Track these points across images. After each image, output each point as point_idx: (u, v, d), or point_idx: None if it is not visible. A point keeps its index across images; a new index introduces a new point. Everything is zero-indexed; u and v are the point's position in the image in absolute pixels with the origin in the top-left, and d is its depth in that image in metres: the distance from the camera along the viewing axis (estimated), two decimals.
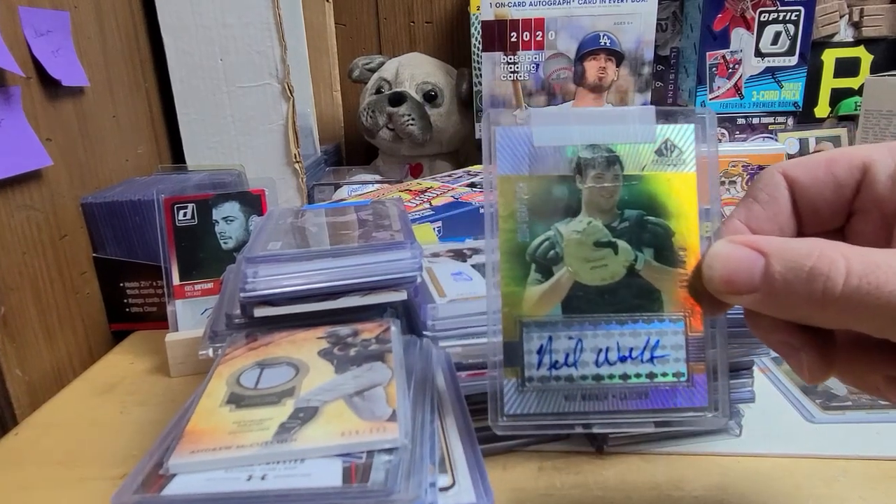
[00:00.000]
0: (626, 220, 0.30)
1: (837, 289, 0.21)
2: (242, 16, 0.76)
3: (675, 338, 0.30)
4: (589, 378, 0.30)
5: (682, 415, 0.30)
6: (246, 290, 0.38)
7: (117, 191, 0.68)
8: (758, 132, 0.85)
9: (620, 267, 0.30)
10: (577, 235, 0.30)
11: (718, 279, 0.24)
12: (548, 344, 0.30)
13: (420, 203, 0.62)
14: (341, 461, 0.26)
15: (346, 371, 0.32)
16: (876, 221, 0.25)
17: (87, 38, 0.68)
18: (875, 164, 0.24)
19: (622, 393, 0.30)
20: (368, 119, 0.97)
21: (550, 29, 0.76)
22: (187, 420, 0.28)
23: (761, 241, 0.23)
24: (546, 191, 0.30)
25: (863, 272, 0.20)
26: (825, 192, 0.25)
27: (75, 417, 0.52)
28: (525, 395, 0.30)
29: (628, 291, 0.30)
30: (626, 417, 0.30)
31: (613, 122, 0.31)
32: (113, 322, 0.69)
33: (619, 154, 0.31)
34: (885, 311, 0.20)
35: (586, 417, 0.30)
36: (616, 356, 0.30)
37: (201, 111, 0.80)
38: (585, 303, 0.30)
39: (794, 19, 0.81)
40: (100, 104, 0.70)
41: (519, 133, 0.31)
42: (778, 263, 0.22)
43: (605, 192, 0.31)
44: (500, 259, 0.30)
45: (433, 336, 0.41)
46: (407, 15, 1.12)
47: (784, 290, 0.22)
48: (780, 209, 0.26)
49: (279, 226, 0.47)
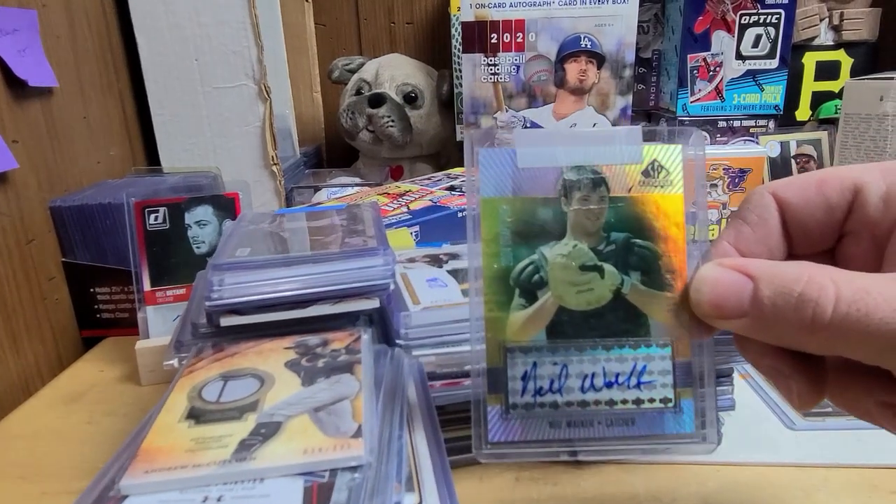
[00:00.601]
0: (612, 242, 0.30)
1: (827, 315, 0.20)
2: (217, 15, 0.75)
3: (662, 363, 0.29)
4: (574, 404, 0.29)
5: (669, 441, 0.30)
6: (212, 298, 0.36)
7: (87, 194, 0.66)
8: (739, 135, 0.85)
9: (607, 291, 0.29)
10: (563, 259, 0.29)
11: (706, 303, 0.23)
12: (532, 370, 0.29)
13: (398, 207, 0.61)
14: (303, 480, 0.25)
15: (314, 383, 0.31)
16: (867, 244, 0.24)
17: (56, 38, 0.66)
18: (867, 185, 0.24)
19: (608, 419, 0.29)
20: (348, 121, 0.95)
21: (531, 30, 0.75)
22: (143, 437, 0.27)
23: (750, 265, 0.22)
24: (530, 213, 0.30)
25: (852, 298, 0.20)
26: (816, 214, 0.25)
27: (40, 428, 0.51)
28: (509, 422, 0.29)
29: (614, 316, 0.29)
30: (612, 444, 0.30)
31: (599, 143, 0.30)
32: (84, 328, 0.67)
33: (605, 175, 0.30)
34: (875, 338, 0.20)
35: (571, 444, 0.30)
36: (602, 382, 0.29)
37: (176, 112, 0.79)
38: (571, 327, 0.29)
39: (774, 22, 0.81)
40: (69, 105, 0.68)
41: (503, 155, 0.30)
42: (767, 288, 0.22)
43: (590, 214, 0.30)
44: (483, 284, 0.29)
45: (406, 345, 0.40)
46: (387, 16, 1.11)
47: (773, 315, 0.21)
48: (769, 231, 0.25)
49: (250, 231, 0.46)
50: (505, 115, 0.79)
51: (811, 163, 0.82)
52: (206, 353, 0.36)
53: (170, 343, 0.40)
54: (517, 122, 0.78)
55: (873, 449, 0.41)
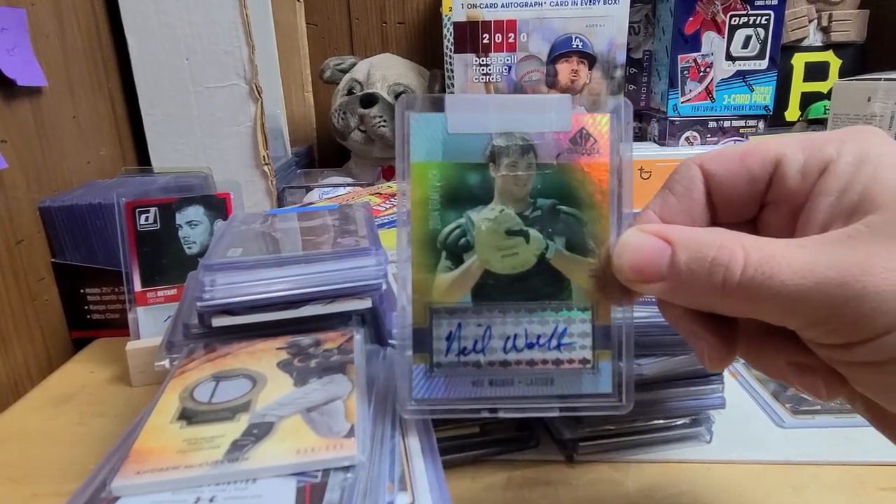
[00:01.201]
0: (538, 208, 0.30)
1: (735, 278, 0.21)
2: (208, 14, 0.75)
3: (582, 326, 0.30)
4: (496, 364, 0.30)
5: (586, 401, 0.31)
6: (203, 298, 0.36)
7: (77, 194, 0.66)
8: (729, 135, 0.86)
9: (531, 255, 0.30)
10: (489, 223, 0.30)
11: (627, 267, 0.24)
12: (457, 331, 0.30)
13: (390, 207, 0.61)
14: (296, 481, 0.25)
15: (306, 384, 0.31)
16: (784, 213, 0.25)
17: (46, 37, 0.66)
18: (786, 158, 0.25)
19: (528, 379, 0.30)
20: (340, 121, 0.95)
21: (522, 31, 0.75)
22: (135, 438, 0.27)
23: (669, 231, 0.23)
24: (459, 178, 0.30)
25: (758, 263, 0.21)
26: (739, 185, 0.26)
27: (30, 430, 0.50)
28: (433, 380, 0.30)
29: (539, 280, 0.30)
30: (532, 402, 0.31)
31: (529, 111, 0.31)
32: (73, 329, 0.67)
33: (534, 143, 0.30)
34: (779, 299, 0.21)
35: (493, 402, 0.31)
36: (524, 343, 0.30)
37: (167, 112, 0.78)
38: (496, 290, 0.30)
39: (763, 23, 0.81)
40: (59, 105, 0.68)
41: (433, 120, 0.30)
42: (683, 253, 0.23)
43: (518, 180, 0.30)
44: (411, 246, 0.30)
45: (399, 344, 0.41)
46: (379, 15, 1.11)
47: (688, 279, 0.22)
48: (694, 201, 0.26)
49: (241, 231, 0.46)
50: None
51: None
52: (198, 354, 0.36)
53: (161, 344, 0.40)
54: None
55: (861, 446, 0.41)
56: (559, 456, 0.42)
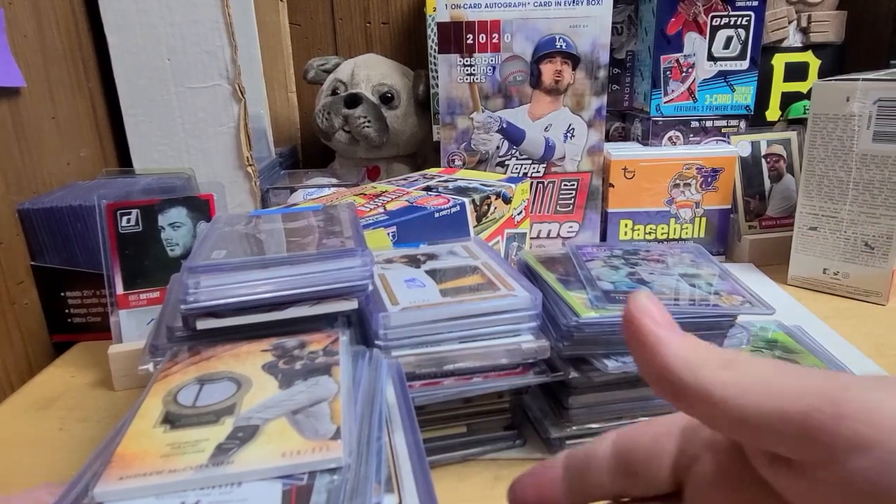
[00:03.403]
0: None
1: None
2: (190, 14, 0.74)
3: None
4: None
5: None
6: (188, 301, 0.36)
7: (57, 196, 0.65)
8: (711, 135, 0.86)
9: None
10: None
11: None
12: None
13: (375, 207, 0.61)
14: (281, 483, 0.24)
15: (291, 386, 0.31)
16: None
17: (24, 37, 0.65)
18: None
19: None
20: (324, 121, 0.95)
21: (506, 31, 0.75)
22: (117, 443, 0.27)
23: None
24: None
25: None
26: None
27: (10, 435, 0.50)
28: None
29: None
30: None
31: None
32: (54, 333, 0.66)
33: None
34: None
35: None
36: None
37: (148, 113, 0.77)
38: None
39: (744, 24, 0.82)
40: (38, 105, 0.67)
41: None
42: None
43: None
44: None
45: (385, 345, 0.40)
46: (363, 15, 1.11)
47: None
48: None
49: (225, 233, 0.45)
50: (481, 115, 0.79)
51: (781, 162, 0.84)
52: (182, 357, 0.35)
53: (144, 347, 0.39)
54: (493, 122, 0.79)
55: None
56: (546, 454, 0.43)
